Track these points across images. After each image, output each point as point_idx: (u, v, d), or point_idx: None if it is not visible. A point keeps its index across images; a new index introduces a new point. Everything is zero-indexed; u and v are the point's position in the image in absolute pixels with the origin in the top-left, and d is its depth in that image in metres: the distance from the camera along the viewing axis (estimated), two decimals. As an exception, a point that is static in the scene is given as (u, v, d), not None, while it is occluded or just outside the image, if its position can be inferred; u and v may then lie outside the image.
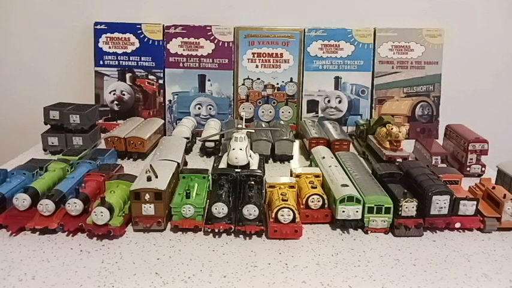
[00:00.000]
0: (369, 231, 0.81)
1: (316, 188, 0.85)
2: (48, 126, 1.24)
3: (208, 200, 0.83)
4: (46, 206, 0.78)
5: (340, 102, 1.47)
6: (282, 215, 0.77)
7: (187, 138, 1.21)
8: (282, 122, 1.44)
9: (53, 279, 0.66)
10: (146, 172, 0.84)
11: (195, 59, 1.44)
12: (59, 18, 1.48)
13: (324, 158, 1.02)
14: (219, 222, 0.78)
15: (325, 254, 0.74)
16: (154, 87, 1.45)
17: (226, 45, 1.43)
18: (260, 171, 0.90)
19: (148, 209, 0.79)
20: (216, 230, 0.79)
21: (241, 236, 0.79)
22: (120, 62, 1.44)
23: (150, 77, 1.45)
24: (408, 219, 0.80)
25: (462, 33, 1.49)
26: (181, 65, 1.44)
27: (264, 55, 1.44)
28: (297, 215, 0.78)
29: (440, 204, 0.80)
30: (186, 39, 1.43)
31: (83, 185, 0.87)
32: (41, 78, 1.53)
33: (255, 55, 1.44)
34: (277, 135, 1.23)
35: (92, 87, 1.45)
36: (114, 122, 1.44)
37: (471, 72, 1.55)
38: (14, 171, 0.91)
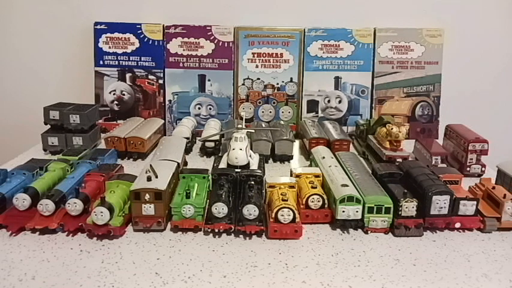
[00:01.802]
0: (369, 231, 0.81)
1: (316, 188, 0.85)
2: (48, 126, 1.24)
3: (208, 200, 0.83)
4: (46, 206, 0.78)
5: (340, 102, 1.47)
6: (282, 215, 0.77)
7: (187, 138, 1.21)
8: (282, 122, 1.44)
9: (53, 279, 0.66)
10: (146, 172, 0.84)
11: (195, 59, 1.44)
12: (59, 18, 1.48)
13: (324, 158, 1.02)
14: (219, 222, 0.78)
15: (325, 254, 0.74)
16: (154, 87, 1.45)
17: (226, 45, 1.43)
18: (260, 171, 0.90)
19: (148, 209, 0.79)
20: (216, 230, 0.79)
21: (241, 236, 0.79)
22: (120, 62, 1.44)
23: (150, 77, 1.45)
24: (408, 219, 0.80)
25: (462, 33, 1.49)
26: (181, 65, 1.44)
27: (264, 55, 1.44)
28: (297, 215, 0.78)
29: (440, 204, 0.80)
30: (186, 39, 1.43)
31: (83, 185, 0.87)
32: (41, 78, 1.53)
33: (255, 55, 1.44)
34: (277, 135, 1.23)
35: (92, 87, 1.45)
36: (114, 122, 1.44)
37: (471, 72, 1.55)
38: (14, 171, 0.91)
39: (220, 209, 0.78)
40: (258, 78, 1.46)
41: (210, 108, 1.45)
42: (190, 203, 0.79)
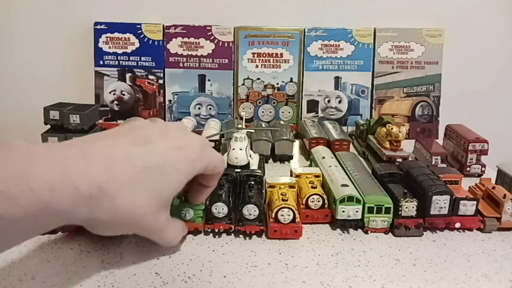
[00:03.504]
0: (369, 231, 0.81)
1: (316, 188, 0.85)
2: (48, 126, 1.23)
3: (208, 201, 0.83)
4: (46, 206, 0.78)
5: (340, 102, 1.47)
6: (282, 215, 0.77)
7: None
8: (282, 122, 1.44)
9: (53, 279, 0.66)
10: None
11: (195, 59, 1.44)
12: (58, 18, 1.48)
13: (324, 158, 1.02)
14: (219, 222, 0.78)
15: (325, 254, 0.74)
16: (154, 87, 1.45)
17: (226, 45, 1.43)
18: (260, 171, 0.89)
19: (149, 209, 0.79)
20: (216, 230, 0.79)
21: (241, 236, 0.79)
22: (120, 62, 1.44)
23: (150, 77, 1.45)
24: (408, 219, 0.80)
25: (462, 33, 1.49)
26: (181, 65, 1.44)
27: (264, 55, 1.44)
28: (297, 215, 0.78)
29: (440, 204, 0.80)
30: (186, 39, 1.43)
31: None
32: (40, 78, 1.53)
33: (255, 55, 1.44)
34: (277, 135, 1.22)
35: (92, 87, 1.45)
36: (114, 122, 1.44)
37: (471, 72, 1.55)
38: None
39: (220, 209, 0.78)
40: (258, 78, 1.46)
41: (210, 108, 1.45)
42: (189, 205, 0.79)
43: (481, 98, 1.57)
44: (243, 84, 1.46)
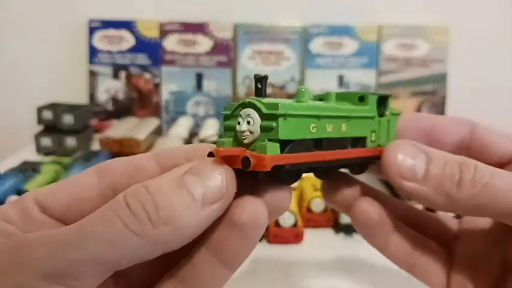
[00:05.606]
0: (374, 236, 0.79)
1: (318, 190, 0.82)
2: (41, 127, 1.21)
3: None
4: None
5: (342, 101, 1.44)
6: (283, 219, 0.74)
7: (184, 139, 1.19)
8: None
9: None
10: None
11: (192, 56, 1.40)
12: (52, 15, 1.45)
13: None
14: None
15: (327, 259, 0.72)
16: (150, 86, 1.42)
17: (224, 42, 1.40)
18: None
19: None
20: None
21: (239, 240, 0.76)
22: (115, 60, 1.40)
23: (146, 75, 1.41)
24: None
25: (469, 30, 1.46)
26: (178, 63, 1.41)
27: (264, 53, 1.41)
28: (299, 219, 0.76)
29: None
30: (183, 37, 1.40)
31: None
32: (33, 78, 1.50)
33: (255, 53, 1.41)
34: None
35: (86, 86, 1.41)
36: (109, 122, 1.41)
37: (477, 71, 1.53)
38: (5, 173, 0.88)
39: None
40: (258, 77, 1.42)
41: (208, 108, 1.42)
42: None
43: (487, 97, 1.54)
44: (242, 83, 1.42)
